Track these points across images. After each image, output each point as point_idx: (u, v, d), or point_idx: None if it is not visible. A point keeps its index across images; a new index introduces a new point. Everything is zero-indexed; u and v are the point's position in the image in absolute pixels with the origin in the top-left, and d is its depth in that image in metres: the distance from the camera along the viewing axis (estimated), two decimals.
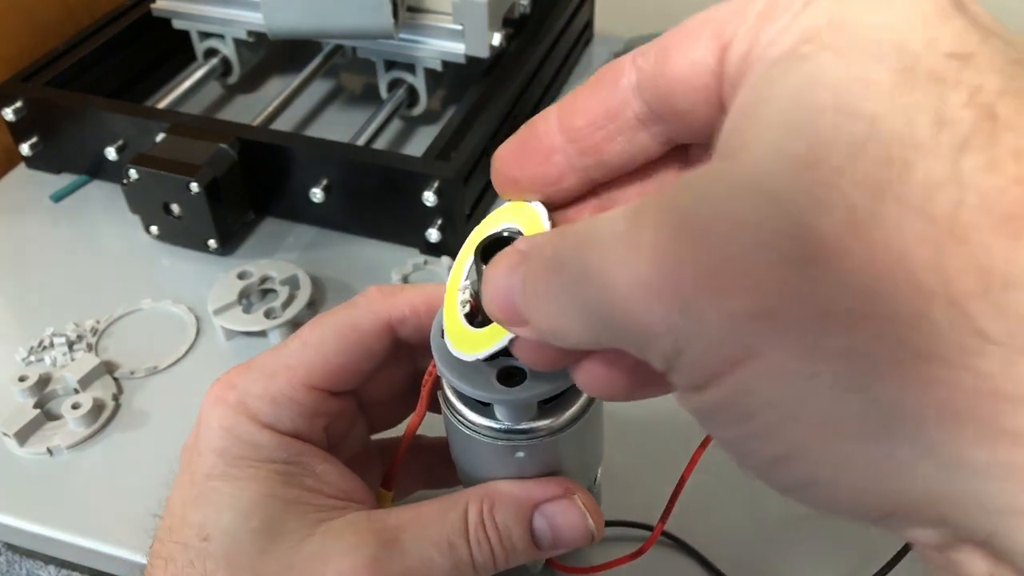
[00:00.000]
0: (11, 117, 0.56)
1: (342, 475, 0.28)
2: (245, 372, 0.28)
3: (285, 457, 0.27)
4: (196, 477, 0.27)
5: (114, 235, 0.55)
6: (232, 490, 0.26)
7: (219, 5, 0.62)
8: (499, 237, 0.24)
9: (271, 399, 0.27)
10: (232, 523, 0.26)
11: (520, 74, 0.60)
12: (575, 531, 0.27)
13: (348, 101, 0.68)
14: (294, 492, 0.27)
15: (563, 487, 0.27)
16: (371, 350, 0.28)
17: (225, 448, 0.27)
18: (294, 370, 0.27)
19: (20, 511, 0.40)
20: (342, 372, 0.28)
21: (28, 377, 0.44)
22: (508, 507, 0.26)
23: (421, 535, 0.26)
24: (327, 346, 0.28)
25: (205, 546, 0.26)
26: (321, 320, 0.28)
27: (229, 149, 0.51)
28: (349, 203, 0.53)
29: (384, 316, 0.28)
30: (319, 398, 0.28)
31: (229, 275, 0.50)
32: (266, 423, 0.27)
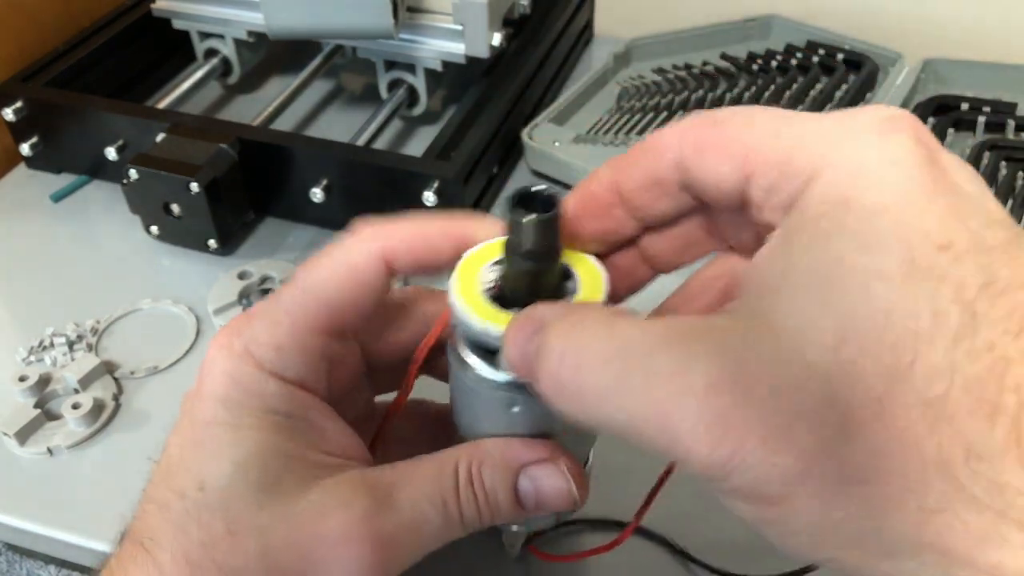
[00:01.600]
0: (11, 117, 0.56)
1: (342, 432, 0.28)
2: (249, 320, 0.28)
3: (288, 409, 0.27)
4: (196, 422, 0.27)
5: (114, 235, 0.55)
6: (232, 439, 0.26)
7: (219, 5, 0.62)
8: (532, 193, 0.25)
9: (276, 346, 0.27)
10: (230, 474, 0.25)
11: (520, 74, 0.60)
12: (558, 494, 0.27)
13: (348, 101, 0.68)
14: (293, 446, 0.27)
15: (549, 450, 0.27)
16: (369, 286, 0.28)
17: (227, 395, 0.27)
18: (295, 316, 0.27)
19: (20, 511, 0.40)
20: (343, 312, 0.28)
21: (28, 377, 0.44)
22: (495, 467, 0.27)
23: (415, 492, 0.26)
24: (325, 287, 0.27)
25: (202, 496, 0.25)
26: (315, 262, 0.28)
27: (229, 149, 0.51)
28: (349, 203, 0.53)
29: (377, 250, 0.28)
30: (323, 342, 0.28)
31: (229, 275, 0.50)
32: (272, 371, 0.27)
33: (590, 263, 0.27)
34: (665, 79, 0.67)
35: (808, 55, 0.68)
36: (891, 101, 0.63)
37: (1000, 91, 0.63)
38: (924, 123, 0.61)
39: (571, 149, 0.57)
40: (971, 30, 0.75)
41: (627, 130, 0.60)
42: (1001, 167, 0.56)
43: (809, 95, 0.64)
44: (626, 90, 0.66)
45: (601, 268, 0.27)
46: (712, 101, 0.63)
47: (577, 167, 0.56)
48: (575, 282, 0.27)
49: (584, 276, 0.27)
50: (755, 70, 0.67)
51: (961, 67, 0.66)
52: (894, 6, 0.77)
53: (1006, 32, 0.75)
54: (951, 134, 0.60)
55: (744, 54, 0.69)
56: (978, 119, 0.60)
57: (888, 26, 0.76)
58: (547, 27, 0.65)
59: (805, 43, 0.70)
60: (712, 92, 0.64)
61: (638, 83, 0.67)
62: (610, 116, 0.63)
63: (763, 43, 0.71)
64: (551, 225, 0.25)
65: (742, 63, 0.68)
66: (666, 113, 0.62)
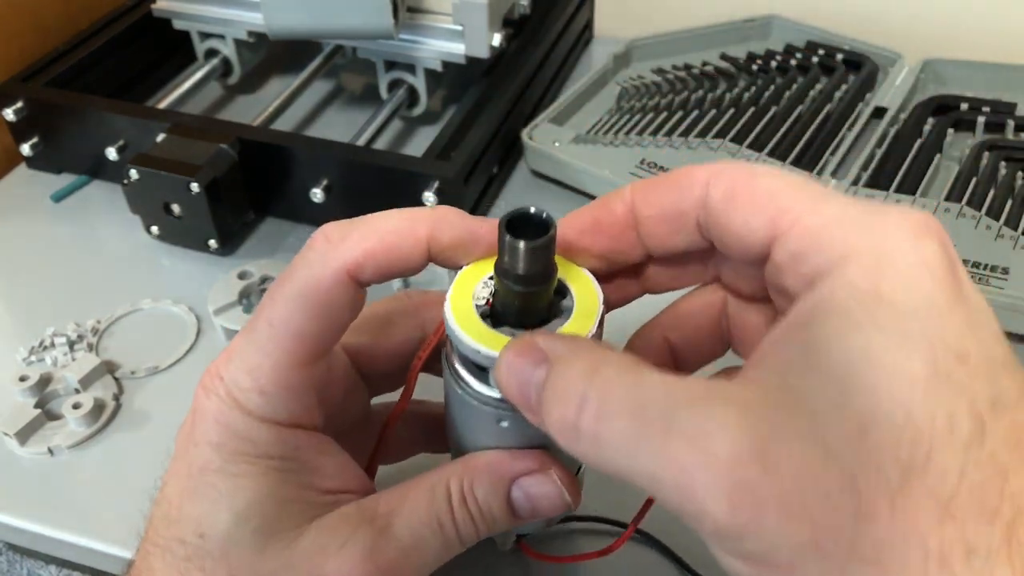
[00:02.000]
0: (12, 117, 0.56)
1: (338, 465, 0.28)
2: (226, 364, 0.27)
3: (282, 453, 0.27)
4: (192, 469, 0.27)
5: (114, 235, 0.55)
6: (229, 488, 0.26)
7: (219, 5, 0.62)
8: (526, 214, 0.25)
9: (259, 391, 0.27)
10: (229, 523, 0.26)
11: (520, 74, 0.60)
12: (551, 502, 0.27)
13: (348, 101, 0.68)
14: (289, 489, 0.27)
15: (539, 461, 0.27)
16: (337, 306, 0.27)
17: (221, 443, 0.27)
18: (273, 356, 0.26)
19: (21, 511, 0.40)
20: (317, 339, 0.27)
21: (29, 377, 0.44)
22: (486, 481, 0.27)
23: (411, 518, 0.26)
24: (295, 317, 0.26)
25: (202, 543, 0.26)
26: (280, 290, 0.27)
27: (229, 149, 0.51)
28: (349, 203, 0.53)
29: (340, 266, 0.26)
30: (306, 374, 0.27)
31: (229, 275, 0.50)
32: (261, 416, 0.27)
33: (586, 279, 0.27)
34: (665, 79, 0.67)
35: (808, 55, 0.68)
36: (891, 101, 0.63)
37: (1000, 91, 0.63)
38: (924, 123, 0.62)
39: (571, 149, 0.57)
40: (971, 30, 0.75)
41: (627, 130, 0.60)
42: (1001, 167, 0.56)
43: (809, 95, 0.64)
44: (626, 90, 0.66)
45: (597, 287, 0.27)
46: (712, 101, 0.63)
47: (577, 167, 0.56)
48: (570, 299, 0.27)
49: (579, 294, 0.27)
50: (755, 70, 0.67)
51: (961, 67, 0.66)
52: (894, 6, 0.77)
53: (1006, 32, 0.75)
54: (951, 134, 0.60)
55: (744, 54, 0.69)
56: (978, 119, 0.60)
57: (888, 26, 0.76)
58: (547, 27, 0.65)
59: (805, 43, 0.70)
60: (712, 92, 0.64)
61: (638, 83, 0.67)
62: (610, 116, 0.63)
63: (763, 43, 0.71)
64: (544, 251, 0.25)
65: (742, 63, 0.68)
66: (666, 113, 0.62)
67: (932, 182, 0.56)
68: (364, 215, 0.28)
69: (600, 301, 0.27)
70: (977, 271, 0.47)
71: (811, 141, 0.59)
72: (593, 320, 0.26)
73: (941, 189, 0.55)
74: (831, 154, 0.58)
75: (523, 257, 0.24)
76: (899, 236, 0.21)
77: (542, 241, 0.24)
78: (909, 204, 0.23)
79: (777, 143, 0.58)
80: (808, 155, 0.58)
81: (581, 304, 0.27)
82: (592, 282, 0.27)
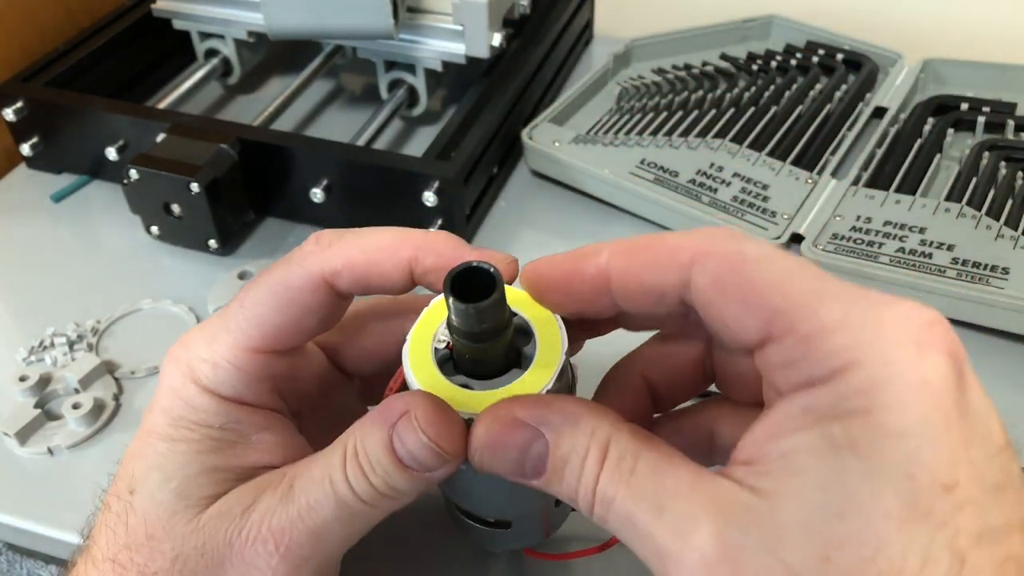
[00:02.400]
0: (11, 117, 0.56)
1: (282, 443, 0.28)
2: (197, 332, 0.28)
3: (221, 423, 0.27)
4: (143, 431, 0.28)
5: (114, 235, 0.55)
6: (165, 449, 0.27)
7: (219, 5, 0.62)
8: (473, 268, 0.24)
9: (213, 363, 0.27)
10: (155, 483, 0.27)
11: (520, 74, 0.60)
12: (418, 448, 0.25)
13: (348, 101, 0.68)
14: (220, 458, 0.27)
15: (404, 404, 0.25)
16: (306, 306, 0.27)
17: (169, 407, 0.27)
18: (233, 334, 0.27)
19: (21, 511, 0.40)
20: (279, 332, 0.27)
21: (29, 377, 0.44)
22: (372, 433, 0.26)
23: (307, 479, 0.26)
24: (262, 307, 0.27)
25: (130, 500, 0.27)
26: (259, 278, 0.28)
27: (229, 149, 0.51)
28: (349, 203, 0.53)
29: (317, 271, 0.27)
30: (261, 361, 0.28)
31: (230, 275, 0.50)
32: (207, 387, 0.27)
33: (551, 322, 0.27)
34: (665, 79, 0.67)
35: (808, 55, 0.68)
36: (891, 101, 0.63)
37: (1000, 91, 0.63)
38: (924, 123, 0.62)
39: (571, 149, 0.57)
40: (971, 30, 0.75)
41: (627, 130, 0.60)
42: (1001, 167, 0.56)
43: (809, 95, 0.64)
44: (626, 90, 0.66)
45: (562, 332, 0.26)
46: (712, 101, 0.63)
47: (577, 167, 0.56)
48: (532, 344, 0.26)
49: (542, 339, 0.26)
50: (755, 70, 0.67)
51: (961, 67, 0.66)
52: (894, 6, 0.77)
53: (1006, 32, 0.75)
54: (951, 134, 0.60)
55: (744, 54, 0.69)
56: (978, 119, 0.60)
57: (888, 26, 0.76)
58: (547, 27, 0.65)
59: (805, 43, 0.70)
60: (712, 92, 0.64)
61: (638, 83, 0.67)
62: (610, 116, 0.63)
63: (763, 43, 0.71)
64: (491, 310, 0.24)
65: (742, 63, 0.68)
66: (666, 113, 0.62)
67: (932, 182, 0.56)
68: (362, 227, 0.28)
69: (562, 351, 0.26)
70: (977, 271, 0.47)
71: (811, 141, 0.59)
72: (552, 372, 0.25)
73: (941, 189, 0.55)
74: (831, 154, 0.58)
75: (470, 318, 0.24)
76: (901, 349, 0.20)
77: (488, 303, 0.23)
78: (916, 302, 0.22)
79: (777, 143, 0.58)
80: (808, 155, 0.58)
81: (543, 352, 0.26)
82: (557, 326, 0.26)
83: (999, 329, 0.46)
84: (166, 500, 0.26)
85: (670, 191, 0.54)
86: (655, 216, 0.55)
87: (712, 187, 0.54)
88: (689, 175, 0.55)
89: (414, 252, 0.27)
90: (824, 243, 0.51)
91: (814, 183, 0.55)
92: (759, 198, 0.54)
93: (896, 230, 0.51)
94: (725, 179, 0.55)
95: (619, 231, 0.55)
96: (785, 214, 0.53)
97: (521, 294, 0.27)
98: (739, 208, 0.53)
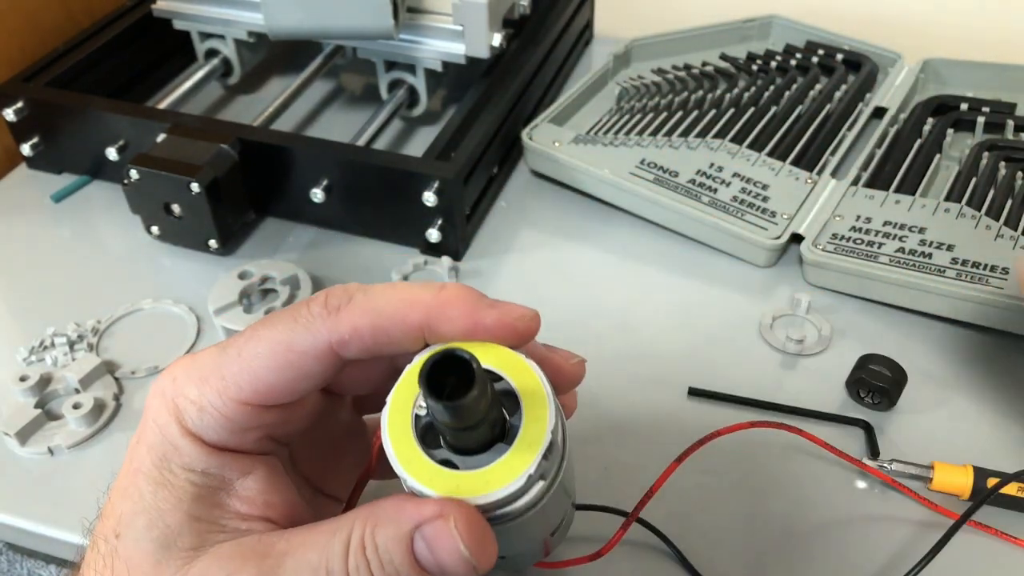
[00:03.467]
0: (12, 117, 0.56)
1: (265, 489, 0.27)
2: (187, 367, 0.27)
3: (204, 468, 0.26)
4: (130, 468, 0.27)
5: (115, 235, 0.55)
6: (149, 493, 0.26)
7: (220, 6, 0.62)
8: (449, 355, 0.23)
9: (200, 407, 0.26)
10: (140, 528, 0.26)
11: (520, 74, 0.60)
12: (451, 557, 0.24)
13: (348, 101, 0.68)
14: (202, 508, 0.26)
15: (438, 508, 0.24)
16: (307, 372, 0.26)
17: (154, 445, 0.26)
18: (225, 382, 0.26)
19: (21, 511, 0.40)
20: (274, 391, 0.26)
21: (29, 377, 0.44)
22: (389, 528, 0.24)
23: (299, 561, 0.25)
24: (260, 362, 0.26)
25: (116, 544, 0.26)
26: (262, 330, 0.26)
27: (230, 149, 0.51)
28: (349, 203, 0.53)
29: (323, 339, 0.26)
30: (251, 413, 0.26)
31: (230, 275, 0.50)
32: (191, 431, 0.26)
33: (537, 386, 0.25)
34: (665, 79, 0.67)
35: (808, 55, 0.68)
36: (891, 101, 0.63)
37: (1000, 91, 0.63)
38: (924, 123, 0.62)
39: (571, 149, 0.57)
40: (971, 30, 0.75)
41: (627, 130, 0.60)
42: (1001, 167, 0.56)
43: (809, 95, 0.64)
44: (626, 90, 0.66)
45: (549, 397, 0.25)
46: (712, 101, 0.63)
47: (577, 167, 0.56)
48: (519, 415, 0.25)
49: (528, 405, 0.25)
50: (755, 70, 0.67)
51: (961, 67, 0.66)
52: (894, 6, 0.77)
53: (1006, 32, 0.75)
54: (951, 134, 0.60)
55: (744, 54, 0.70)
56: (977, 119, 0.60)
57: (888, 26, 0.76)
58: (547, 27, 0.65)
59: (805, 43, 0.70)
60: (712, 92, 0.64)
61: (638, 83, 0.67)
62: (610, 116, 0.63)
63: (763, 43, 0.71)
64: (467, 408, 0.23)
65: (742, 63, 0.68)
66: (666, 113, 0.62)
67: (932, 182, 0.56)
68: (373, 285, 0.27)
69: (548, 428, 0.24)
70: (977, 271, 0.47)
71: (811, 141, 0.59)
72: (536, 452, 0.24)
73: (941, 189, 0.55)
74: (831, 154, 0.58)
75: (447, 414, 0.23)
76: None
77: (462, 402, 0.22)
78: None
79: (777, 143, 0.59)
80: (808, 155, 0.58)
81: (528, 426, 0.25)
82: (545, 395, 0.25)
83: (999, 329, 0.46)
84: (149, 549, 0.25)
85: (670, 191, 0.54)
86: (655, 216, 0.55)
87: (712, 187, 0.54)
88: (689, 175, 0.55)
89: (424, 318, 0.26)
90: (824, 243, 0.51)
91: (814, 183, 0.55)
92: (759, 198, 0.54)
93: (896, 230, 0.51)
94: (725, 179, 0.55)
95: (619, 231, 0.55)
96: (785, 214, 0.53)
97: (509, 355, 0.26)
98: (739, 208, 0.53)
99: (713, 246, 0.54)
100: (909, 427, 0.43)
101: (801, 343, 0.47)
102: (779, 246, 0.51)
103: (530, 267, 0.53)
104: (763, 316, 0.49)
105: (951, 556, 0.36)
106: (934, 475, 0.39)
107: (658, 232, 0.55)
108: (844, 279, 0.50)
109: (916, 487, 0.40)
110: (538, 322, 0.26)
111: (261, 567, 0.25)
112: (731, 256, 0.53)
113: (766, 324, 0.48)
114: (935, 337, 0.48)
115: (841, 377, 0.45)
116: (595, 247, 0.54)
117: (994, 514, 0.39)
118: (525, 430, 0.24)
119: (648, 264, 0.53)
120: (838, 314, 0.49)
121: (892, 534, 0.38)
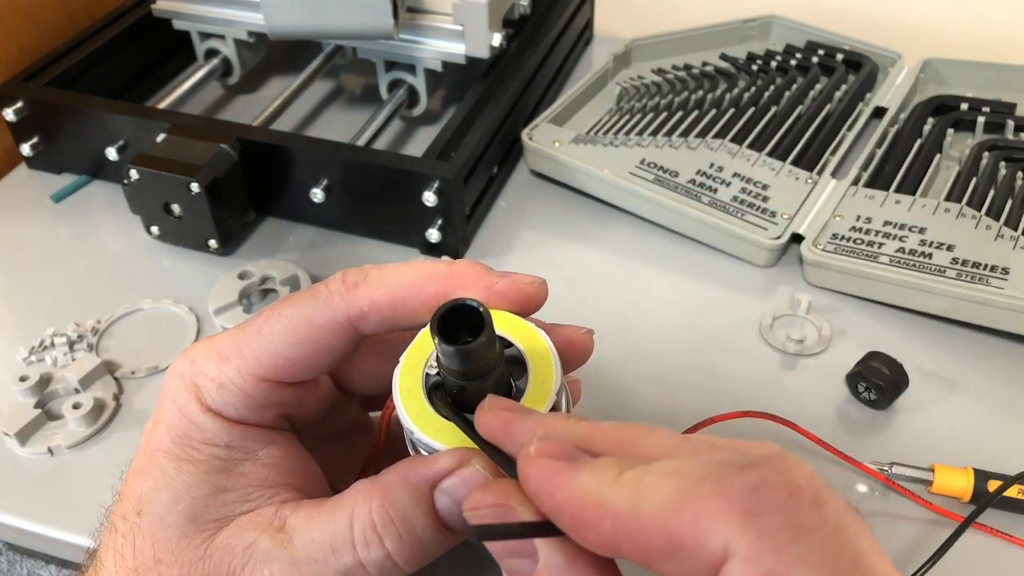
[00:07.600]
0: (12, 117, 0.56)
1: (288, 456, 0.28)
2: (206, 348, 0.28)
3: (227, 441, 0.27)
4: (148, 448, 0.27)
5: (115, 235, 0.55)
6: (172, 469, 0.27)
7: (220, 6, 0.62)
8: (461, 305, 0.24)
9: (219, 384, 0.27)
10: (164, 504, 0.26)
11: (520, 74, 0.60)
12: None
13: (348, 101, 0.68)
14: (227, 479, 0.27)
15: (457, 457, 0.25)
16: (326, 346, 0.27)
17: (174, 424, 0.27)
18: (245, 358, 0.27)
19: (21, 511, 0.40)
20: (293, 366, 0.27)
21: (29, 377, 0.44)
22: (402, 495, 0.25)
23: (306, 538, 0.26)
24: (279, 338, 0.27)
25: (138, 521, 0.26)
26: (281, 308, 0.27)
27: (230, 149, 0.51)
28: (349, 203, 0.53)
29: (342, 312, 0.27)
30: (269, 389, 0.27)
31: (230, 275, 0.50)
32: (211, 407, 0.27)
33: (544, 351, 0.26)
34: (665, 79, 0.67)
35: (808, 55, 0.68)
36: (891, 101, 0.63)
37: (1000, 91, 0.63)
38: (924, 123, 0.62)
39: (571, 149, 0.57)
40: (971, 30, 0.76)
41: (627, 130, 0.60)
42: (1001, 167, 0.56)
43: (809, 95, 0.64)
44: (626, 90, 0.66)
45: (555, 361, 0.26)
46: (712, 101, 0.63)
47: (577, 167, 0.56)
48: (525, 379, 0.26)
49: (534, 369, 0.26)
50: (755, 70, 0.67)
51: (961, 67, 0.66)
52: (894, 6, 0.77)
53: (1006, 32, 0.75)
54: (951, 134, 0.60)
55: (744, 54, 0.69)
56: (977, 119, 0.60)
57: (888, 26, 0.76)
58: (547, 27, 0.65)
59: (805, 43, 0.70)
60: (712, 92, 0.64)
61: (638, 83, 0.67)
62: (610, 116, 0.63)
63: (763, 43, 0.71)
64: (477, 352, 0.24)
65: (742, 63, 0.68)
66: (666, 113, 0.62)
67: (932, 182, 0.56)
68: (387, 264, 0.28)
69: (553, 390, 0.25)
70: (977, 271, 0.47)
71: (811, 141, 0.59)
72: (541, 410, 0.25)
73: (941, 189, 0.55)
74: (831, 154, 0.58)
75: (457, 358, 0.24)
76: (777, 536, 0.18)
77: (473, 346, 0.23)
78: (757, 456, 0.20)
79: (777, 143, 0.58)
80: (808, 155, 0.58)
81: (534, 387, 0.25)
82: (551, 359, 0.26)
83: (999, 329, 0.46)
84: (175, 522, 0.26)
85: (670, 191, 0.54)
86: (655, 216, 0.55)
87: (712, 187, 0.54)
88: (689, 175, 0.55)
89: (440, 288, 0.27)
90: (824, 243, 0.51)
91: (814, 183, 0.55)
92: (759, 198, 0.54)
93: (896, 230, 0.51)
94: (725, 179, 0.55)
95: (619, 231, 0.55)
96: (785, 214, 0.53)
97: (518, 321, 0.27)
98: (739, 208, 0.53)
99: (713, 246, 0.54)
100: (909, 427, 0.43)
101: (801, 343, 0.47)
102: (779, 246, 0.51)
103: (530, 267, 0.53)
104: (763, 316, 0.49)
105: (953, 558, 0.36)
106: (935, 478, 0.39)
107: (658, 232, 0.55)
108: (844, 279, 0.50)
109: (917, 490, 0.40)
110: (546, 288, 0.28)
111: (276, 539, 0.26)
112: (731, 256, 0.53)
113: (766, 324, 0.48)
114: (935, 337, 0.48)
115: (841, 377, 0.45)
116: (595, 247, 0.54)
117: (994, 515, 0.39)
118: (531, 390, 0.25)
119: (648, 264, 0.53)
120: (838, 314, 0.49)
121: (894, 537, 0.38)
